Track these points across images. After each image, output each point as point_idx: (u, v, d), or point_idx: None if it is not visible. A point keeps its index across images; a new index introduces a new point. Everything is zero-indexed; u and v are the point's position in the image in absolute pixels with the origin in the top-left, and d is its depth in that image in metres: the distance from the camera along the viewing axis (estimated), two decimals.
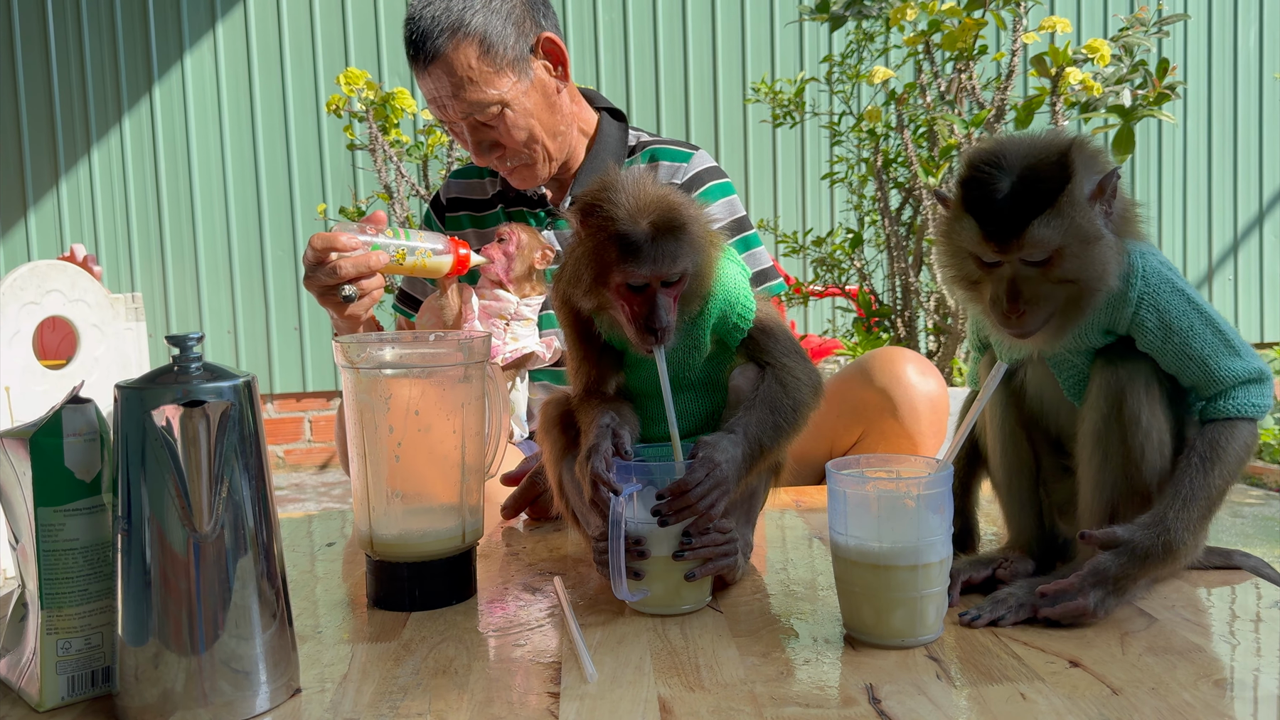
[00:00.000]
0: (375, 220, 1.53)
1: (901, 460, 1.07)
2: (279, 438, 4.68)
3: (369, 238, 1.51)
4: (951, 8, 2.87)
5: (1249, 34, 4.94)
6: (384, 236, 1.52)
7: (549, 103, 1.70)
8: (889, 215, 3.20)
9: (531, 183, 1.75)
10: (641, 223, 1.02)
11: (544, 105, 1.69)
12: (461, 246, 1.59)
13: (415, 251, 1.54)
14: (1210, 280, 5.01)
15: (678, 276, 1.05)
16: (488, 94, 1.61)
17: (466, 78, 1.59)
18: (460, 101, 1.61)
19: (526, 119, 1.66)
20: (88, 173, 4.54)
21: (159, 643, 0.83)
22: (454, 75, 1.59)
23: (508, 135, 1.66)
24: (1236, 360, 1.01)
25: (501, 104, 1.62)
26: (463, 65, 1.59)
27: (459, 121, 1.66)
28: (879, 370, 1.65)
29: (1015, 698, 0.83)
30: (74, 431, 0.87)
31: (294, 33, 4.56)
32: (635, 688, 0.87)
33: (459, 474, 1.12)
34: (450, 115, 1.65)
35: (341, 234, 1.49)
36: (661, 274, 1.04)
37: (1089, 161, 0.98)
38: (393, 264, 1.52)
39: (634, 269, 1.03)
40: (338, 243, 1.48)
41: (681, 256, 1.04)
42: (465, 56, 1.59)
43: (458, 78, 1.59)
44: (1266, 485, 3.59)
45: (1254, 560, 1.16)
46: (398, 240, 1.53)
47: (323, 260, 1.48)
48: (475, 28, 1.59)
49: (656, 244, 1.02)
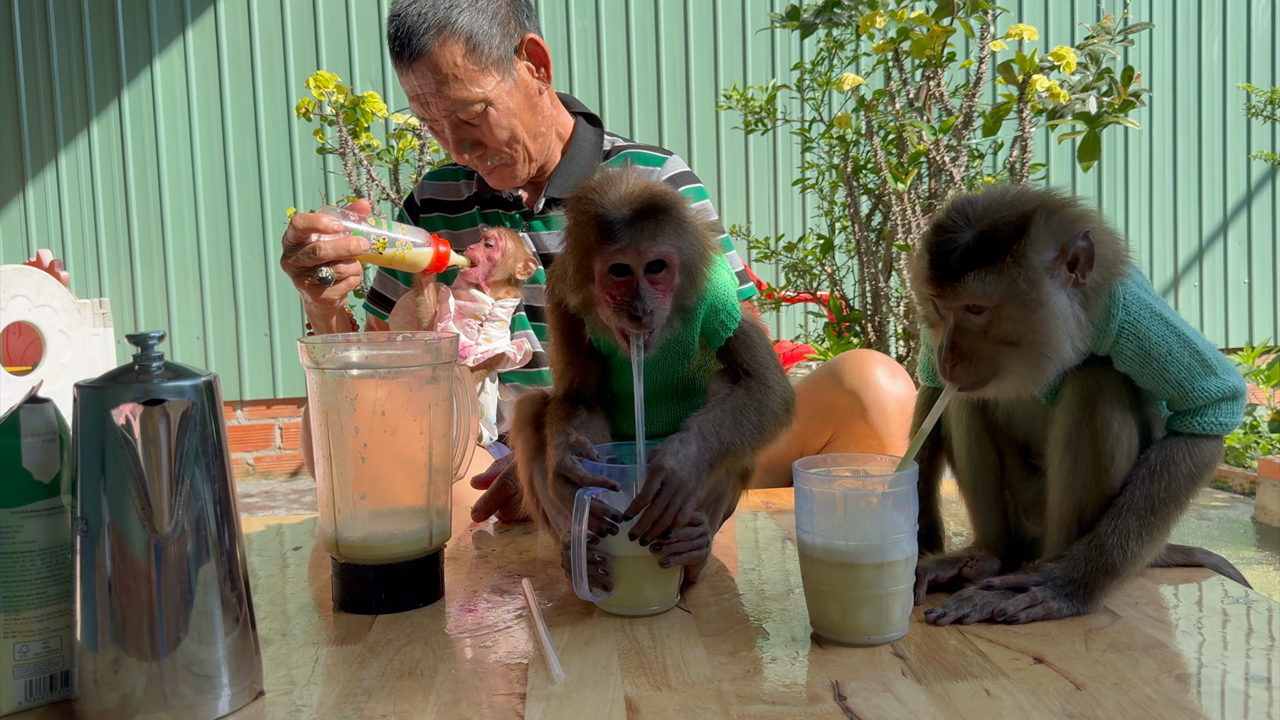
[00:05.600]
0: (359, 208, 1.53)
1: (868, 459, 1.07)
2: (249, 444, 4.64)
3: (351, 224, 1.50)
4: (920, 15, 2.89)
5: (1212, 43, 5.01)
6: (366, 225, 1.51)
7: (531, 104, 1.70)
8: (859, 221, 3.22)
9: (510, 183, 1.75)
10: (623, 207, 1.02)
11: (526, 106, 1.69)
12: (442, 244, 1.59)
13: (396, 243, 1.54)
14: (1176, 287, 5.07)
15: (658, 258, 1.04)
16: (472, 92, 1.61)
17: (451, 75, 1.59)
18: (444, 99, 1.61)
19: (509, 118, 1.66)
20: (55, 177, 4.49)
21: (118, 647, 0.82)
22: (439, 73, 1.59)
23: (490, 134, 1.65)
24: (1212, 379, 1.02)
25: (485, 102, 1.62)
26: (448, 63, 1.58)
27: (440, 119, 1.65)
28: (849, 373, 1.66)
29: (980, 694, 0.83)
30: (32, 432, 0.86)
31: (265, 36, 4.53)
32: (602, 688, 0.87)
33: (426, 476, 1.11)
34: (433, 113, 1.64)
35: (324, 216, 1.48)
36: (641, 250, 1.02)
37: (1056, 227, 0.97)
38: (372, 253, 1.52)
39: (612, 248, 1.02)
40: (319, 224, 1.47)
41: (663, 237, 1.03)
42: (451, 54, 1.58)
43: (442, 75, 1.59)
44: (1231, 488, 3.63)
45: (1215, 558, 1.17)
46: (379, 230, 1.52)
47: (303, 241, 1.47)
48: (461, 26, 1.58)
49: (635, 224, 1.02)
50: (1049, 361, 0.99)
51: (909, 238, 2.99)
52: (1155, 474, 1.01)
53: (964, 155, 2.99)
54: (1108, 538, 1.00)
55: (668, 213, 1.04)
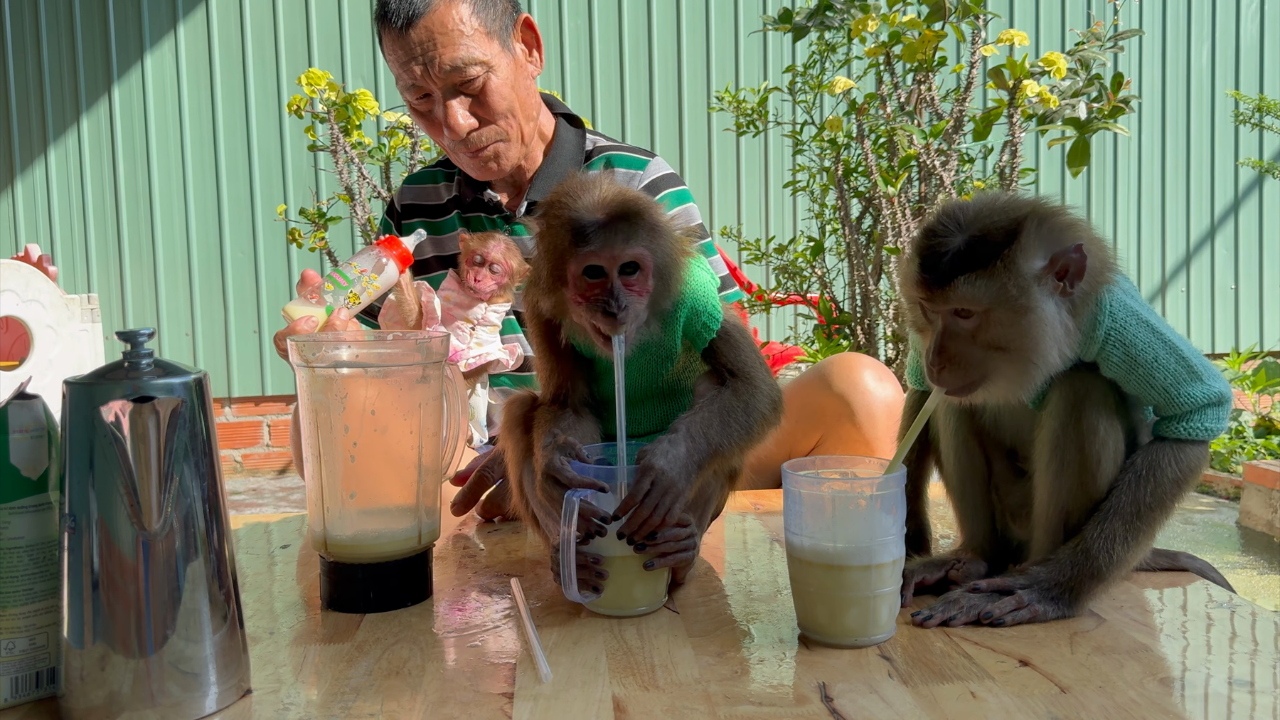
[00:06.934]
0: (308, 282, 1.49)
1: (857, 462, 1.08)
2: (237, 442, 4.63)
3: (316, 307, 1.46)
4: (912, 20, 2.90)
5: (1201, 50, 5.04)
6: (329, 295, 1.48)
7: (525, 85, 1.70)
8: (849, 224, 3.23)
9: (499, 171, 1.73)
10: (596, 211, 1.02)
11: (522, 85, 1.69)
12: (391, 246, 1.53)
13: (362, 284, 1.50)
14: (1164, 292, 5.10)
15: (631, 259, 1.04)
16: (475, 52, 1.60)
17: (457, 31, 1.58)
18: (445, 60, 1.59)
19: (509, 89, 1.65)
20: (43, 172, 4.47)
21: (105, 644, 0.81)
22: (444, 30, 1.57)
23: (489, 102, 1.64)
24: (1198, 385, 1.03)
25: (487, 66, 1.61)
26: (454, 20, 1.58)
27: (435, 89, 1.62)
28: (837, 376, 1.67)
29: (966, 696, 0.84)
30: (20, 428, 0.85)
31: (256, 32, 4.52)
32: (590, 688, 0.87)
33: (415, 475, 1.11)
34: (429, 82, 1.62)
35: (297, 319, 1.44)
36: (614, 253, 1.03)
37: (1047, 235, 0.97)
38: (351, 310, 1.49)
39: (585, 249, 1.02)
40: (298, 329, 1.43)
41: (635, 239, 1.03)
42: (457, 11, 1.58)
43: (447, 32, 1.58)
44: (1216, 493, 3.65)
45: (1200, 562, 1.18)
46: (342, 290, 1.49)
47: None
48: None
49: (608, 227, 1.02)
50: (1036, 367, 0.99)
51: (899, 241, 3.00)
52: (1141, 479, 1.02)
53: (954, 159, 3.00)
54: (1093, 542, 1.01)
55: (641, 216, 1.04)
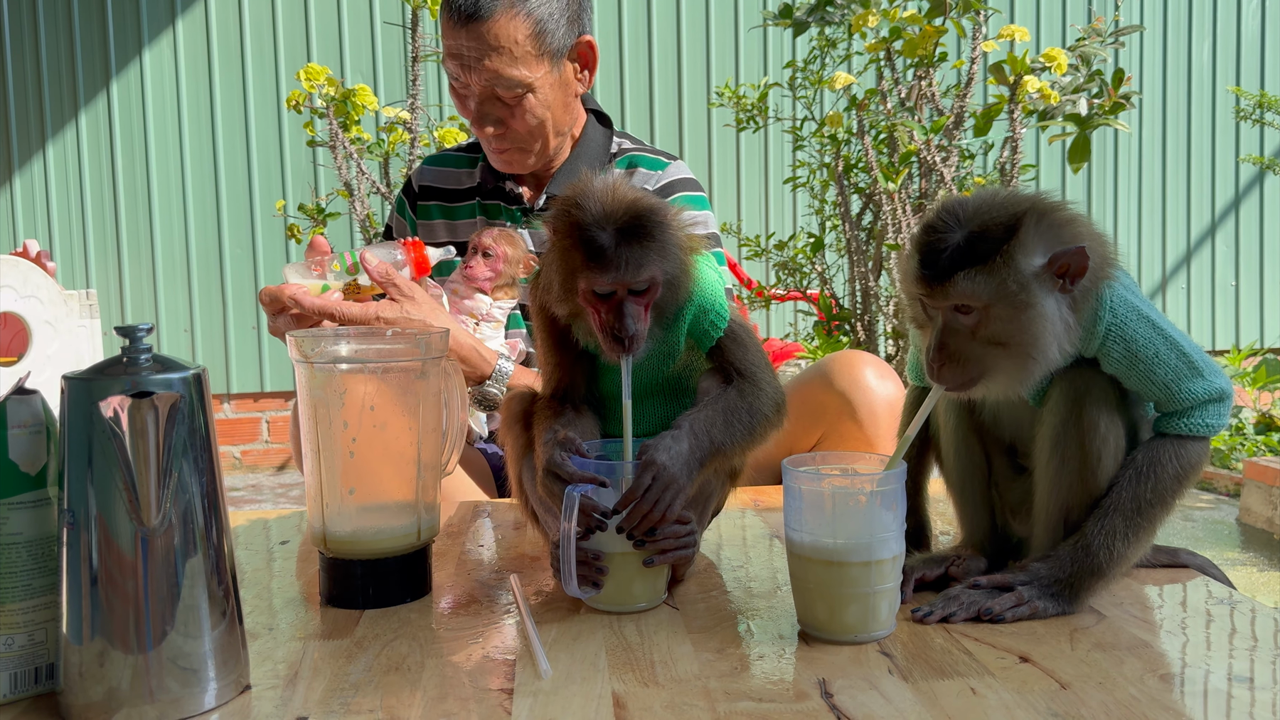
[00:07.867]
0: (316, 249, 1.47)
1: (856, 458, 1.07)
2: (236, 438, 4.63)
3: (316, 280, 1.45)
4: (912, 15, 2.90)
5: (1202, 47, 5.04)
6: (332, 274, 1.45)
7: (565, 102, 1.70)
8: (850, 220, 3.23)
9: (517, 168, 1.73)
10: (607, 228, 1.00)
11: (561, 103, 1.69)
12: (417, 249, 1.53)
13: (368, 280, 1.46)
14: (1164, 289, 5.10)
15: (645, 285, 1.03)
16: (520, 74, 1.59)
17: (508, 50, 1.57)
18: (488, 70, 1.59)
19: (543, 110, 1.65)
20: (42, 167, 4.46)
21: (104, 640, 0.81)
22: (496, 42, 1.57)
23: (519, 119, 1.64)
24: (1199, 381, 1.03)
25: (527, 88, 1.61)
26: (508, 37, 1.57)
27: (472, 85, 1.62)
28: (838, 373, 1.66)
29: (966, 692, 0.84)
30: (19, 423, 0.85)
31: (255, 28, 4.51)
32: (589, 684, 0.87)
33: (415, 471, 1.11)
34: (469, 78, 1.62)
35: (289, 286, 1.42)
36: (626, 282, 1.02)
37: (1047, 231, 0.97)
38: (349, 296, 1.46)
39: (598, 276, 1.01)
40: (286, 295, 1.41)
41: (648, 264, 1.02)
42: (514, 30, 1.57)
43: (498, 46, 1.57)
44: (1217, 490, 3.65)
45: (1200, 559, 1.18)
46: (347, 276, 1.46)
47: (282, 309, 1.42)
48: (535, 8, 1.58)
49: (621, 251, 1.00)
50: (1036, 363, 0.99)
51: (899, 237, 3.00)
52: (1142, 475, 1.02)
53: (954, 155, 3.00)
54: (1094, 538, 1.01)
55: (653, 235, 1.02)
